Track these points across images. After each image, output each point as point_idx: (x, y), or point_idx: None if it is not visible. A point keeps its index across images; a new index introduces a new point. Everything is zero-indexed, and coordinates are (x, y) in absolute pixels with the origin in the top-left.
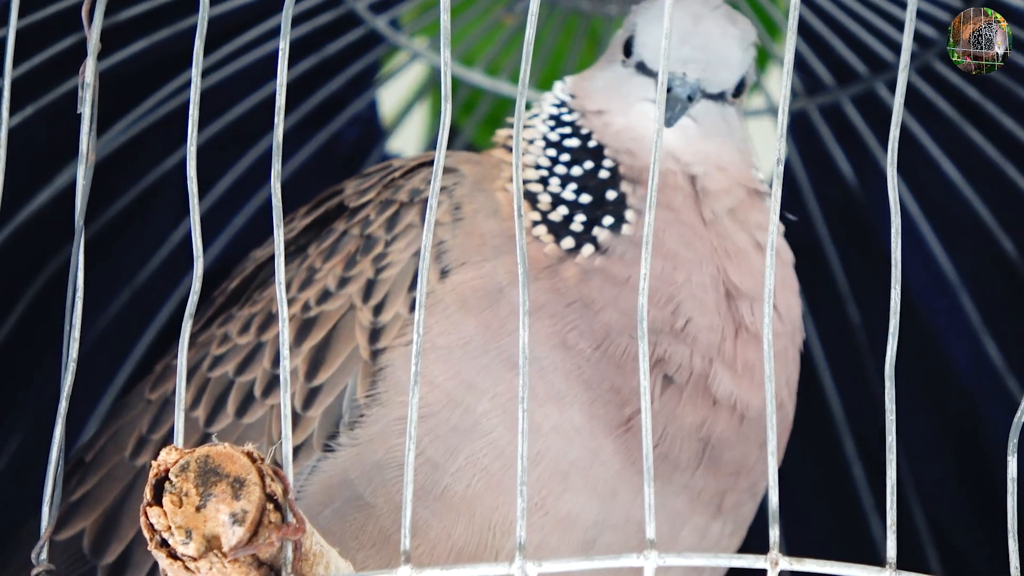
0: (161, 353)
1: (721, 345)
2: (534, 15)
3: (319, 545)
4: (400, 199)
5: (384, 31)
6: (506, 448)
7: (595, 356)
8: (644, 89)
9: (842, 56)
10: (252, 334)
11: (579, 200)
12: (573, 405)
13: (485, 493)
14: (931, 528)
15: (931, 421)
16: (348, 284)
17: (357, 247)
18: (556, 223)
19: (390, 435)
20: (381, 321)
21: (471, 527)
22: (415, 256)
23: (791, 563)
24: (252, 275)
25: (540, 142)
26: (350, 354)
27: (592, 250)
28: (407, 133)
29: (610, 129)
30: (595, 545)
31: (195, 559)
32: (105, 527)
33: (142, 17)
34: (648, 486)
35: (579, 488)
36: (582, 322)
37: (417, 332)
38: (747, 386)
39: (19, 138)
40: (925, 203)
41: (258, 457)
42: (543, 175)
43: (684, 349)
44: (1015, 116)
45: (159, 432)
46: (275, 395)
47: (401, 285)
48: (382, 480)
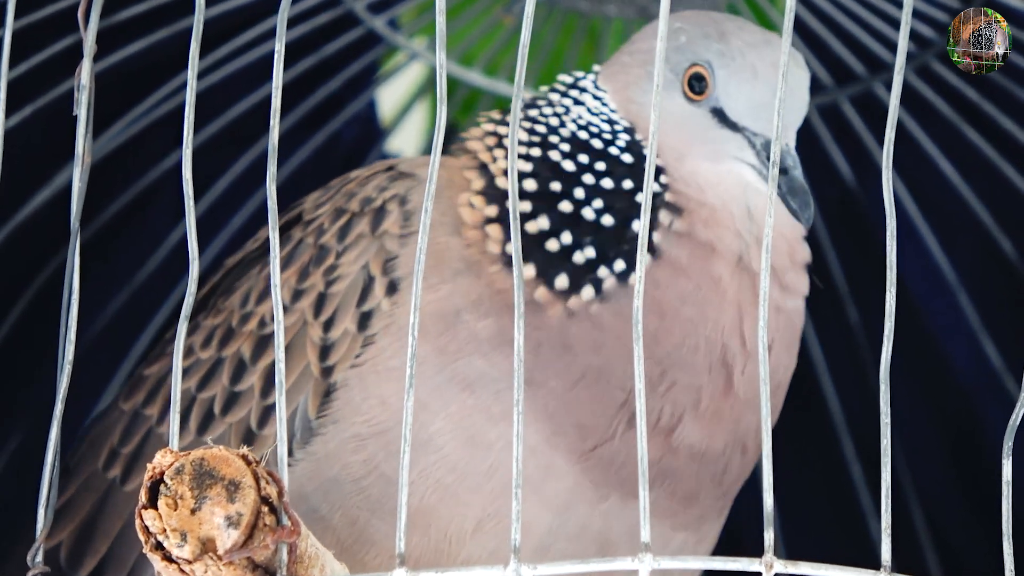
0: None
1: (698, 401)
2: (529, 17)
3: (314, 548)
4: (352, 208)
5: (383, 31)
6: (459, 463)
7: (566, 396)
8: (737, 148)
9: (841, 56)
10: (213, 348)
11: (600, 221)
12: (528, 427)
13: (440, 505)
14: (930, 528)
15: (930, 421)
16: (301, 298)
17: (311, 257)
18: (550, 255)
19: (344, 452)
20: (331, 337)
21: (427, 538)
22: (363, 269)
23: (785, 566)
24: (219, 281)
25: (564, 146)
26: (302, 371)
27: (592, 294)
28: (406, 133)
29: (683, 164)
30: (549, 551)
31: (190, 562)
32: (80, 540)
33: (139, 18)
34: (643, 489)
35: (531, 500)
36: (558, 362)
37: (412, 335)
38: (710, 431)
39: (17, 139)
40: (923, 203)
41: (253, 460)
42: (553, 187)
43: (656, 403)
44: (1014, 116)
45: (129, 445)
46: (233, 413)
47: (350, 300)
48: (339, 495)
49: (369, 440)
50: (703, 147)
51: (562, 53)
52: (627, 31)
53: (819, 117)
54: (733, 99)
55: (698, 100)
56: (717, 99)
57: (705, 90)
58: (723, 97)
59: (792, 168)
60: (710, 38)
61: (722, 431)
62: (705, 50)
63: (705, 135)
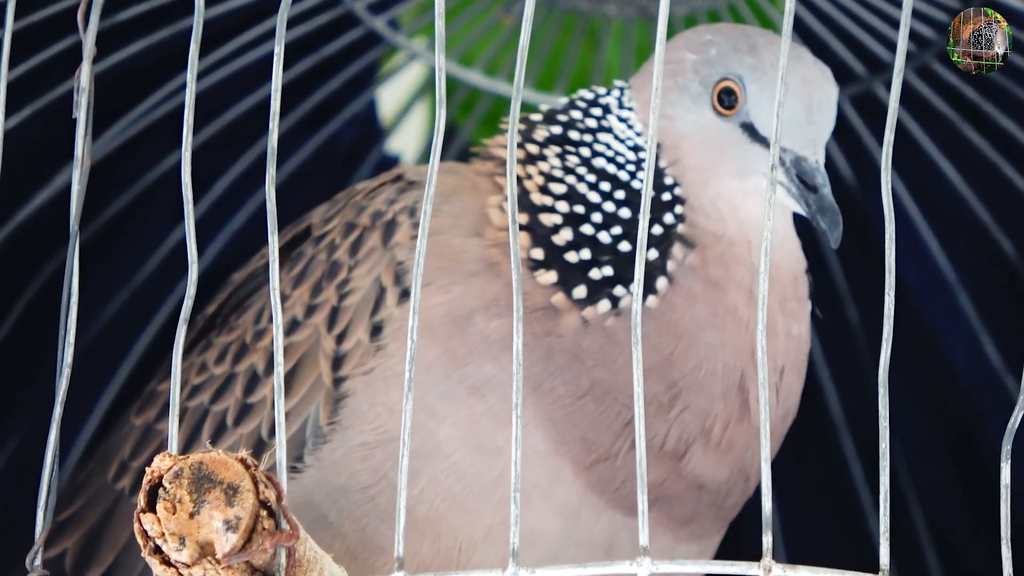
0: (159, 356)
1: (711, 429)
2: (529, 18)
3: (313, 551)
4: (363, 223)
5: (383, 31)
6: (467, 470)
7: (572, 407)
8: (766, 165)
9: (840, 56)
10: (228, 364)
11: (617, 247)
12: (536, 432)
13: (449, 513)
14: (930, 528)
15: (930, 421)
16: (315, 313)
17: (323, 272)
18: (571, 265)
19: (352, 460)
20: (343, 349)
21: (436, 546)
22: (375, 281)
23: (784, 570)
24: (228, 299)
25: (591, 177)
26: (314, 382)
27: (608, 307)
28: (406, 133)
29: (708, 189)
30: (559, 559)
31: (189, 566)
32: (86, 549)
33: (139, 19)
34: (641, 493)
35: (541, 507)
36: (567, 372)
37: (411, 339)
38: (717, 463)
39: (16, 139)
40: (923, 203)
41: (252, 464)
42: (577, 210)
43: (664, 427)
44: (1014, 116)
45: (140, 459)
46: (246, 423)
47: (363, 312)
48: (347, 503)
49: (377, 448)
50: (731, 163)
51: (562, 53)
52: (627, 31)
53: None
54: (764, 114)
55: (728, 115)
56: (747, 114)
57: (736, 105)
58: (754, 112)
59: (822, 187)
60: (741, 52)
61: (730, 462)
62: (736, 64)
63: (733, 151)
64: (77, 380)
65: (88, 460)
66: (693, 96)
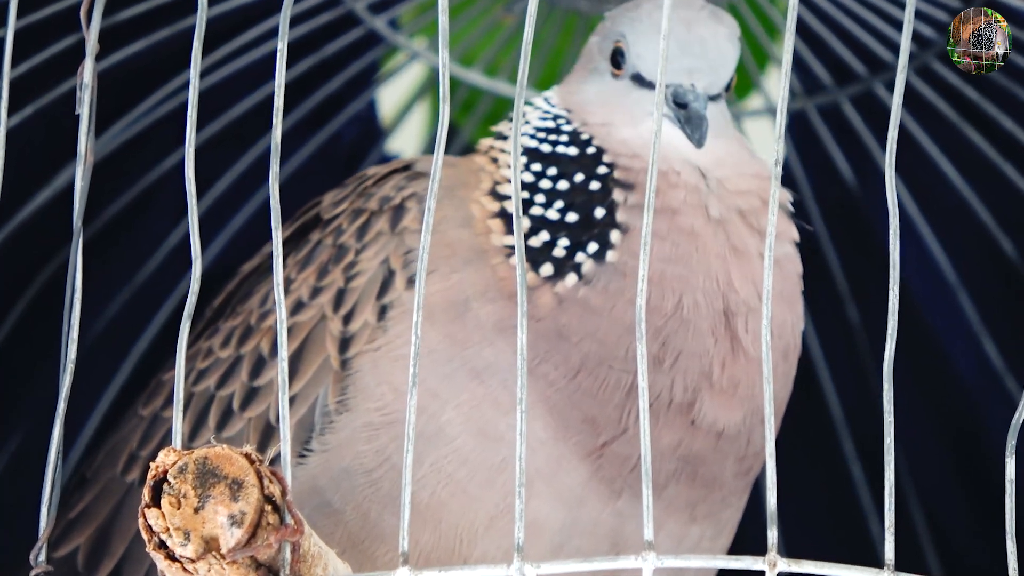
0: (161, 353)
1: (711, 371)
2: (532, 17)
3: (317, 546)
4: (370, 208)
5: (383, 31)
6: (470, 455)
7: (568, 387)
8: (651, 104)
9: (841, 56)
10: (232, 347)
11: (565, 219)
12: (536, 420)
13: (451, 500)
14: (930, 528)
15: (930, 421)
16: (320, 294)
17: (330, 256)
18: (535, 248)
19: (356, 441)
20: (351, 330)
21: (438, 534)
22: (383, 264)
23: (789, 564)
24: (235, 288)
25: (522, 157)
26: (322, 364)
27: (576, 279)
28: (406, 133)
29: (614, 137)
30: (563, 549)
31: (193, 561)
32: (98, 543)
33: (141, 17)
34: (646, 488)
35: (544, 495)
36: (556, 353)
37: (415, 334)
38: (728, 405)
39: (18, 138)
40: (924, 203)
41: (256, 459)
42: (524, 195)
43: (666, 380)
44: (1014, 116)
45: (148, 448)
46: (253, 407)
47: (369, 293)
48: (350, 487)
49: (381, 430)
50: (623, 115)
51: (562, 53)
52: None
53: (819, 117)
54: (644, 60)
55: (620, 74)
56: (634, 66)
57: (624, 62)
58: (637, 62)
59: (692, 102)
60: (626, 12)
61: (740, 401)
62: (621, 24)
63: (622, 102)
64: (80, 378)
65: (91, 457)
66: (600, 71)
